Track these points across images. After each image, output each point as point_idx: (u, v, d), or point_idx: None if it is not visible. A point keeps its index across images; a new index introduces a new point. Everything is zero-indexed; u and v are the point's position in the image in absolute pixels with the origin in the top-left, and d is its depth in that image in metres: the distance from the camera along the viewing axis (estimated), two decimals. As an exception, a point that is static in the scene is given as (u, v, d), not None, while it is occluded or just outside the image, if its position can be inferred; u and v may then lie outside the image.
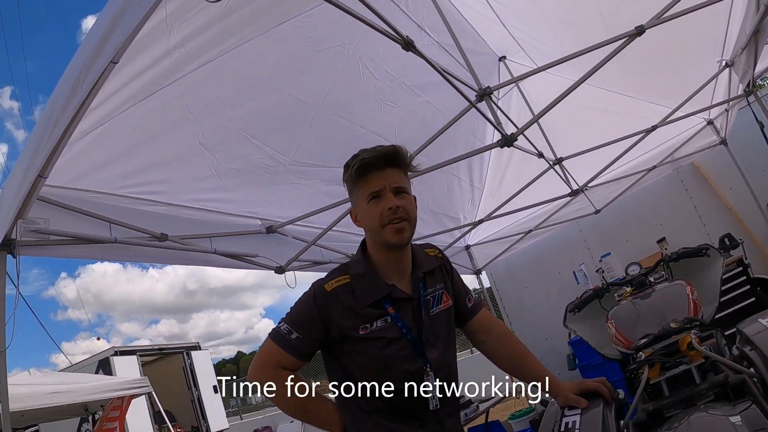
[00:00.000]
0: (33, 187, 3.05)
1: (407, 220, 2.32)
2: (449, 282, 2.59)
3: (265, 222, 5.34)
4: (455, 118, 4.78)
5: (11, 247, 3.38)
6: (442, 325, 2.46)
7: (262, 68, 4.12)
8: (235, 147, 4.47)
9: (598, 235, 9.05)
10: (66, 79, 2.60)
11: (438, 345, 2.40)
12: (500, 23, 5.40)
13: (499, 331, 2.68)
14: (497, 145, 4.63)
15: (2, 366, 3.29)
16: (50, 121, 2.73)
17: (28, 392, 9.92)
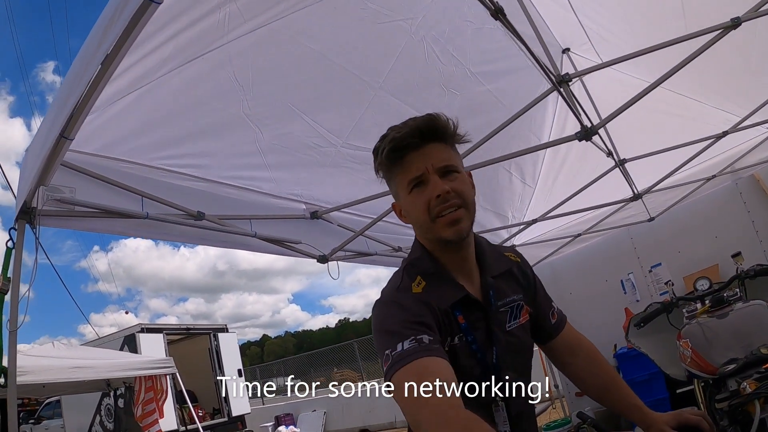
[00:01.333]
0: (55, 148, 2.73)
1: (463, 206, 1.84)
2: (531, 291, 2.14)
3: (310, 207, 5.06)
4: (531, 102, 4.46)
5: (31, 216, 3.11)
6: (520, 345, 2.01)
7: (319, 38, 3.74)
8: (284, 122, 4.13)
9: (650, 244, 8.58)
10: (99, 23, 2.23)
11: (516, 368, 1.99)
12: (571, 10, 5.03)
13: (587, 351, 2.26)
14: (575, 138, 4.26)
15: (13, 346, 3.12)
16: (77, 72, 2.40)
17: (51, 365, 9.95)
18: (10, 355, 3.10)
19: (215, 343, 17.31)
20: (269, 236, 4.63)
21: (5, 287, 3.11)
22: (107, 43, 2.16)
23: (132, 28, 2.06)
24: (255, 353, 75.32)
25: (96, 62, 2.24)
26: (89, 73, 2.31)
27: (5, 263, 3.17)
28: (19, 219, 3.14)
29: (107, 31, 2.14)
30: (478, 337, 1.88)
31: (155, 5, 1.97)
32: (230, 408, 16.79)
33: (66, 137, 2.65)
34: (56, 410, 18.53)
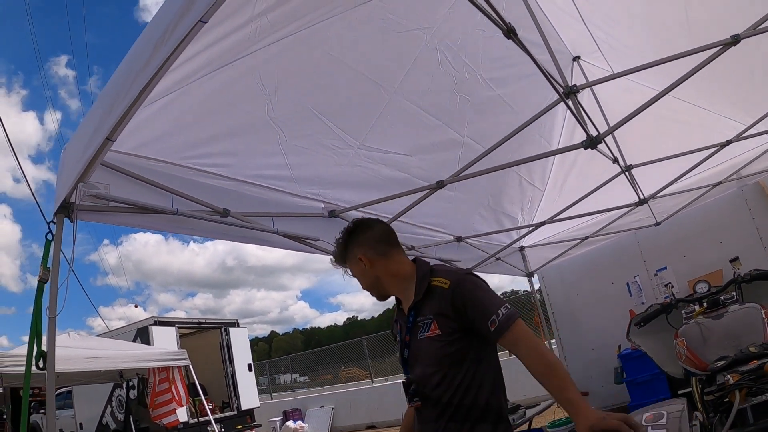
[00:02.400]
0: (99, 149, 2.94)
1: (366, 288, 2.98)
2: (451, 311, 2.66)
3: (328, 206, 5.23)
4: (539, 113, 4.66)
5: (69, 211, 3.31)
6: (427, 349, 2.73)
7: (341, 46, 3.96)
8: (305, 124, 4.32)
9: (656, 248, 8.74)
10: (149, 35, 2.47)
11: (420, 365, 2.77)
12: (581, 20, 5.18)
13: (525, 350, 2.56)
14: (580, 146, 4.44)
15: (52, 332, 3.31)
16: (128, 79, 2.61)
17: (66, 355, 9.96)
18: (49, 340, 3.29)
19: (226, 338, 17.43)
20: (290, 233, 4.81)
21: (45, 277, 3.29)
22: (158, 59, 2.39)
23: (183, 43, 2.32)
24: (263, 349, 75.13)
25: (147, 75, 2.46)
26: (138, 84, 2.52)
27: (44, 255, 3.35)
28: (58, 213, 3.33)
29: (158, 48, 2.38)
30: (400, 337, 2.90)
31: (202, 24, 2.24)
32: (240, 402, 16.95)
33: (110, 139, 2.87)
34: (67, 401, 18.48)
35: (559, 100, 4.38)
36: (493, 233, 7.47)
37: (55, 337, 3.35)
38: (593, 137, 4.31)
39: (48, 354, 3.28)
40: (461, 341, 2.64)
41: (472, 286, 2.67)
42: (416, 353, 2.76)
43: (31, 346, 3.34)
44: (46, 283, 3.30)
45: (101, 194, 3.48)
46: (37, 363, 3.27)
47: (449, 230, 7.12)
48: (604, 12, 5.02)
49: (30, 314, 3.40)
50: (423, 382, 2.73)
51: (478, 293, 2.63)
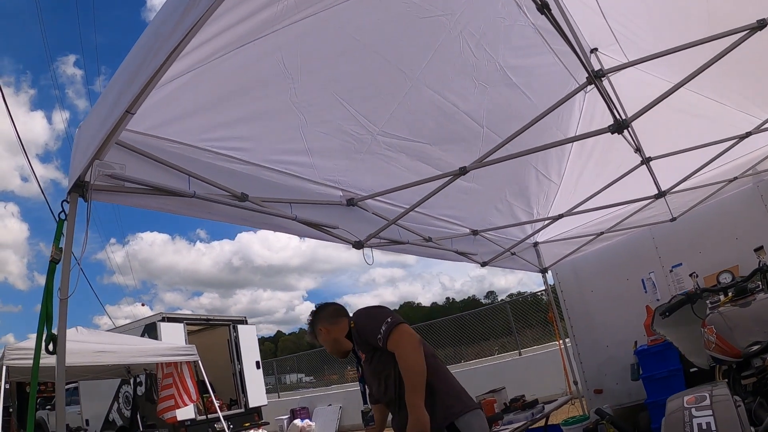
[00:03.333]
0: (118, 123, 2.84)
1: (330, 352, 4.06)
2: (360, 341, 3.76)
3: (346, 194, 5.19)
4: (564, 98, 4.62)
5: (84, 190, 3.23)
6: (368, 370, 3.84)
7: (363, 30, 3.91)
8: (326, 108, 4.27)
9: (671, 244, 8.58)
10: (168, 8, 2.39)
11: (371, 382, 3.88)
12: (599, 12, 5.12)
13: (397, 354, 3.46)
14: (607, 131, 4.38)
15: (63, 314, 3.22)
16: (150, 47, 2.52)
17: (74, 348, 9.82)
18: (60, 322, 3.21)
19: (234, 335, 17.39)
20: (309, 220, 4.74)
21: (57, 256, 3.21)
22: (185, 24, 2.29)
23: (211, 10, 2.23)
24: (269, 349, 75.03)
25: (171, 43, 2.37)
26: (165, 51, 2.43)
27: (57, 234, 3.26)
28: (72, 192, 3.25)
29: (185, 15, 2.28)
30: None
31: None
32: (247, 399, 16.91)
33: (130, 112, 2.78)
34: (73, 397, 18.42)
35: (584, 84, 4.31)
36: (507, 227, 7.41)
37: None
38: (621, 121, 4.23)
39: (59, 337, 3.21)
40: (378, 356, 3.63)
41: (364, 318, 3.73)
42: (367, 377, 3.94)
43: (41, 329, 3.24)
44: (57, 264, 3.22)
45: (117, 174, 3.41)
46: (47, 346, 3.20)
47: (466, 223, 7.08)
48: (623, 4, 4.96)
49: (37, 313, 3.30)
50: (377, 394, 3.83)
51: (367, 320, 3.66)
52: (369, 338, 3.59)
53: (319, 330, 3.99)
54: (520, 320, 19.46)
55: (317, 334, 4.02)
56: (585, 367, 9.31)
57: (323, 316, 4.03)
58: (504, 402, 7.22)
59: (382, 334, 3.45)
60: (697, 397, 2.42)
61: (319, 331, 3.99)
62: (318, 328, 4.00)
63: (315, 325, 4.03)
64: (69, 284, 3.21)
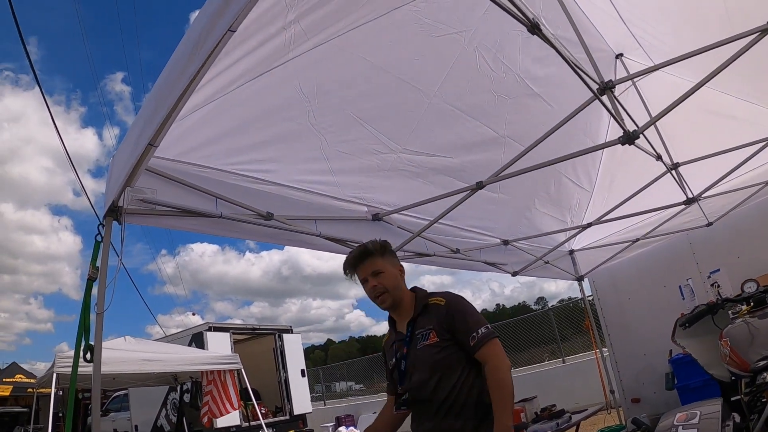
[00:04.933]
0: (143, 154, 3.09)
1: (386, 291, 3.25)
2: (445, 323, 3.17)
3: (372, 209, 5.31)
4: (574, 111, 4.64)
5: (117, 214, 3.47)
6: (424, 357, 3.17)
7: (377, 52, 4.05)
8: (346, 130, 4.43)
9: (709, 250, 8.42)
10: (182, 48, 2.63)
11: (418, 372, 3.18)
12: (620, 19, 5.15)
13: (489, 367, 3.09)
14: (617, 142, 4.42)
15: (99, 326, 3.48)
16: (164, 89, 2.76)
17: (122, 357, 10.29)
18: (96, 333, 3.49)
19: (280, 344, 17.56)
20: (333, 236, 4.91)
21: (94, 275, 3.48)
22: (193, 66, 2.52)
23: (214, 53, 2.46)
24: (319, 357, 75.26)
25: (182, 83, 2.61)
26: (176, 92, 2.66)
27: (94, 255, 3.54)
28: (107, 216, 3.51)
29: (192, 56, 2.53)
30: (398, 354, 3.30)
31: (231, 33, 2.37)
32: (292, 407, 17.07)
33: (152, 145, 3.01)
34: (123, 403, 19.00)
35: (593, 98, 4.35)
36: (540, 236, 7.42)
37: (106, 338, 3.52)
38: (630, 133, 4.26)
39: (95, 347, 3.48)
40: (452, 348, 3.14)
41: (463, 306, 3.24)
42: (414, 362, 3.21)
43: (79, 340, 3.54)
44: (94, 281, 3.49)
45: (148, 198, 3.68)
46: (84, 355, 3.50)
47: (495, 233, 7.11)
48: (642, 10, 4.99)
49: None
50: (421, 387, 3.17)
51: (467, 311, 3.21)
52: (456, 325, 3.14)
53: (399, 267, 3.40)
54: (566, 327, 19.31)
55: (391, 263, 3.34)
56: (622, 376, 9.24)
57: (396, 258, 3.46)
58: (534, 411, 7.21)
59: (478, 335, 3.10)
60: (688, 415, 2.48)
61: (397, 266, 3.38)
62: (396, 263, 3.40)
63: (391, 256, 3.40)
64: (105, 300, 3.47)
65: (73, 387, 3.85)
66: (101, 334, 3.51)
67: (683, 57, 4.23)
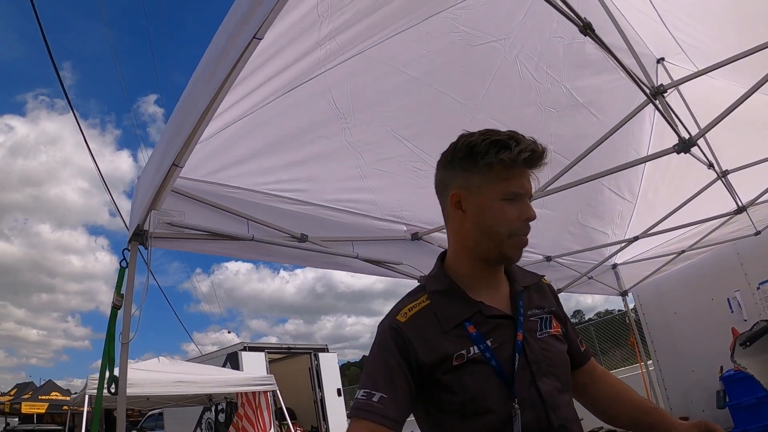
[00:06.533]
0: (168, 176, 2.93)
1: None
2: (561, 314, 2.04)
3: (411, 228, 5.14)
4: (626, 118, 4.44)
5: (144, 239, 3.30)
6: (556, 354, 1.88)
7: (414, 64, 3.88)
8: (384, 146, 4.28)
9: (757, 260, 8.12)
10: (205, 61, 2.42)
11: (553, 374, 1.82)
12: (661, 23, 4.94)
13: (602, 371, 2.16)
14: (672, 151, 4.19)
15: (124, 358, 3.30)
16: (188, 105, 2.61)
17: (156, 378, 10.35)
18: (121, 365, 3.30)
19: (315, 363, 17.47)
20: (370, 258, 4.73)
21: (119, 303, 3.32)
22: (217, 78, 2.32)
23: (239, 63, 2.24)
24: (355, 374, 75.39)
25: (207, 97, 2.41)
26: (199, 108, 2.47)
27: (119, 281, 3.37)
28: (132, 241, 3.34)
29: (217, 68, 2.31)
30: (496, 346, 1.76)
31: (257, 41, 2.13)
32: (329, 426, 16.92)
33: (177, 165, 2.84)
34: (158, 422, 19.06)
35: (646, 102, 4.14)
36: (583, 251, 7.20)
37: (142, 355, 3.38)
38: (686, 140, 4.04)
39: (120, 379, 3.31)
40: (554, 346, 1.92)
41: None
42: (540, 358, 1.81)
43: (103, 371, 3.37)
44: (119, 309, 3.33)
45: (176, 221, 3.51)
46: (108, 388, 3.32)
47: (538, 249, 6.91)
48: (685, 12, 4.78)
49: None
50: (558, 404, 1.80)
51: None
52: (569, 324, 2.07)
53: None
54: (605, 341, 18.99)
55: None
56: (670, 393, 8.99)
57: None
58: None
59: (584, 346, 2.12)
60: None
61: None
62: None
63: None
64: (129, 329, 3.30)
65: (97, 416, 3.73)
66: (126, 365, 3.30)
67: (731, 60, 4.00)
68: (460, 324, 1.76)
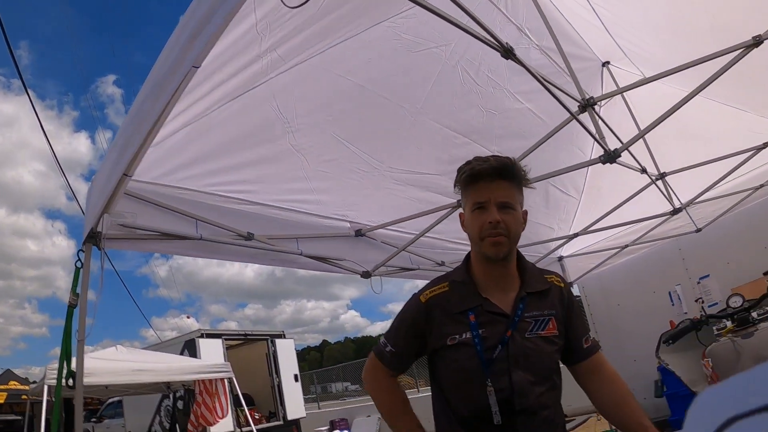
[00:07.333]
0: (118, 185, 3.12)
1: (506, 236, 2.29)
2: (564, 313, 2.46)
3: (354, 225, 5.29)
4: (555, 129, 4.59)
5: (97, 240, 3.45)
6: (540, 352, 2.34)
7: (356, 70, 4.06)
8: (328, 149, 4.43)
9: (698, 256, 8.39)
10: (149, 86, 2.66)
11: (528, 369, 2.30)
12: (604, 29, 5.14)
13: (610, 372, 2.52)
14: (598, 161, 4.41)
15: (80, 353, 3.52)
16: (136, 121, 2.81)
17: (114, 368, 10.44)
18: (78, 360, 3.51)
19: (273, 349, 17.58)
20: (315, 254, 4.89)
21: (74, 302, 3.48)
22: (161, 102, 2.56)
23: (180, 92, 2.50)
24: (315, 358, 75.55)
25: (152, 118, 2.65)
26: (145, 126, 2.71)
27: (74, 281, 3.54)
28: (87, 242, 3.50)
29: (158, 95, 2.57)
30: (489, 337, 2.29)
31: (195, 69, 2.38)
32: (286, 412, 17.08)
33: (127, 175, 3.05)
34: (117, 410, 19.13)
35: (570, 119, 4.28)
36: (529, 245, 7.40)
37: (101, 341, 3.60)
38: (611, 152, 4.25)
39: (77, 374, 3.50)
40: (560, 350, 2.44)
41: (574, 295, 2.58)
42: (518, 354, 2.28)
43: (61, 367, 3.55)
44: (75, 308, 3.49)
45: (128, 223, 3.67)
46: (66, 382, 3.50)
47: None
48: (628, 22, 4.98)
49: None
50: (525, 393, 2.27)
51: (578, 304, 2.59)
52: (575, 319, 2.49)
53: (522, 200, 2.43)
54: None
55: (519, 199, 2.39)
56: None
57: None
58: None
59: (591, 339, 2.53)
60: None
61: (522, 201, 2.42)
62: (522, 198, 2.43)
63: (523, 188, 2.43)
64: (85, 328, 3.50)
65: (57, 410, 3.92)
66: (82, 361, 3.52)
67: (673, 71, 4.19)
68: (465, 312, 2.33)
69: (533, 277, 2.44)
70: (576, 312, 2.52)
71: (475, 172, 2.31)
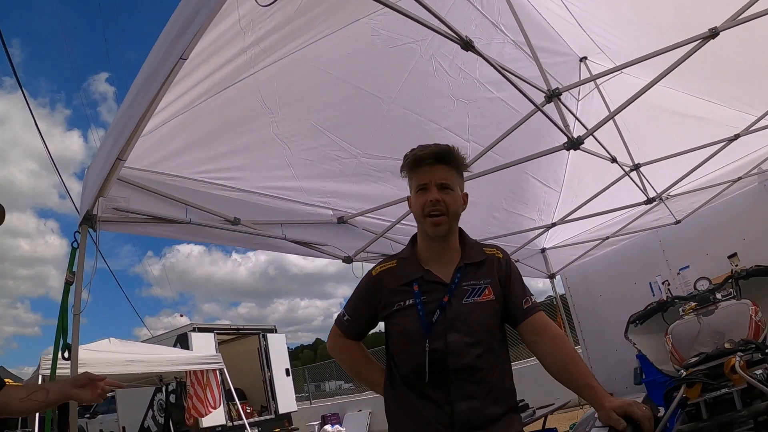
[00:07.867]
0: (113, 169, 3.39)
1: (446, 214, 2.55)
2: (502, 280, 2.66)
3: (337, 212, 5.51)
4: (523, 119, 4.77)
5: (92, 222, 3.73)
6: (476, 316, 2.55)
7: (336, 64, 4.31)
8: (309, 138, 4.67)
9: (678, 247, 8.52)
10: (142, 77, 2.94)
11: (459, 332, 2.50)
12: (578, 25, 5.34)
13: (552, 334, 2.64)
14: (562, 148, 4.63)
15: (76, 327, 3.74)
16: (130, 110, 3.07)
17: (106, 359, 10.52)
18: (73, 333, 3.74)
19: (264, 343, 17.69)
20: (298, 239, 5.13)
21: (71, 279, 3.76)
22: (148, 96, 2.87)
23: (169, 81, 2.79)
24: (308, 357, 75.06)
25: (143, 107, 2.95)
26: (138, 114, 2.99)
27: (71, 260, 3.81)
28: (83, 224, 3.79)
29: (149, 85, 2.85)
30: (429, 303, 2.55)
31: (183, 61, 2.66)
32: (277, 406, 17.20)
33: (121, 159, 3.33)
34: (111, 405, 19.04)
35: (534, 110, 4.54)
36: (508, 235, 7.56)
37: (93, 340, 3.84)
38: (574, 139, 4.47)
39: (73, 345, 3.73)
40: (500, 315, 2.62)
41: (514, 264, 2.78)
42: (455, 318, 2.50)
43: (58, 339, 3.79)
44: (71, 285, 3.77)
45: (121, 207, 3.93)
46: (62, 353, 3.74)
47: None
48: (600, 19, 5.19)
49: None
50: (459, 353, 2.46)
51: (518, 272, 2.76)
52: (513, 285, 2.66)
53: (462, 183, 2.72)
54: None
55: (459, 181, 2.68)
56: (595, 371, 9.16)
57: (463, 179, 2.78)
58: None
59: (531, 300, 2.67)
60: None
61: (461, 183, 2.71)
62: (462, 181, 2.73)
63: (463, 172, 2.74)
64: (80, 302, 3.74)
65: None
66: (78, 333, 3.74)
67: (640, 59, 4.38)
68: (410, 282, 2.60)
69: (473, 250, 2.70)
70: (515, 277, 2.71)
71: (418, 158, 2.61)
